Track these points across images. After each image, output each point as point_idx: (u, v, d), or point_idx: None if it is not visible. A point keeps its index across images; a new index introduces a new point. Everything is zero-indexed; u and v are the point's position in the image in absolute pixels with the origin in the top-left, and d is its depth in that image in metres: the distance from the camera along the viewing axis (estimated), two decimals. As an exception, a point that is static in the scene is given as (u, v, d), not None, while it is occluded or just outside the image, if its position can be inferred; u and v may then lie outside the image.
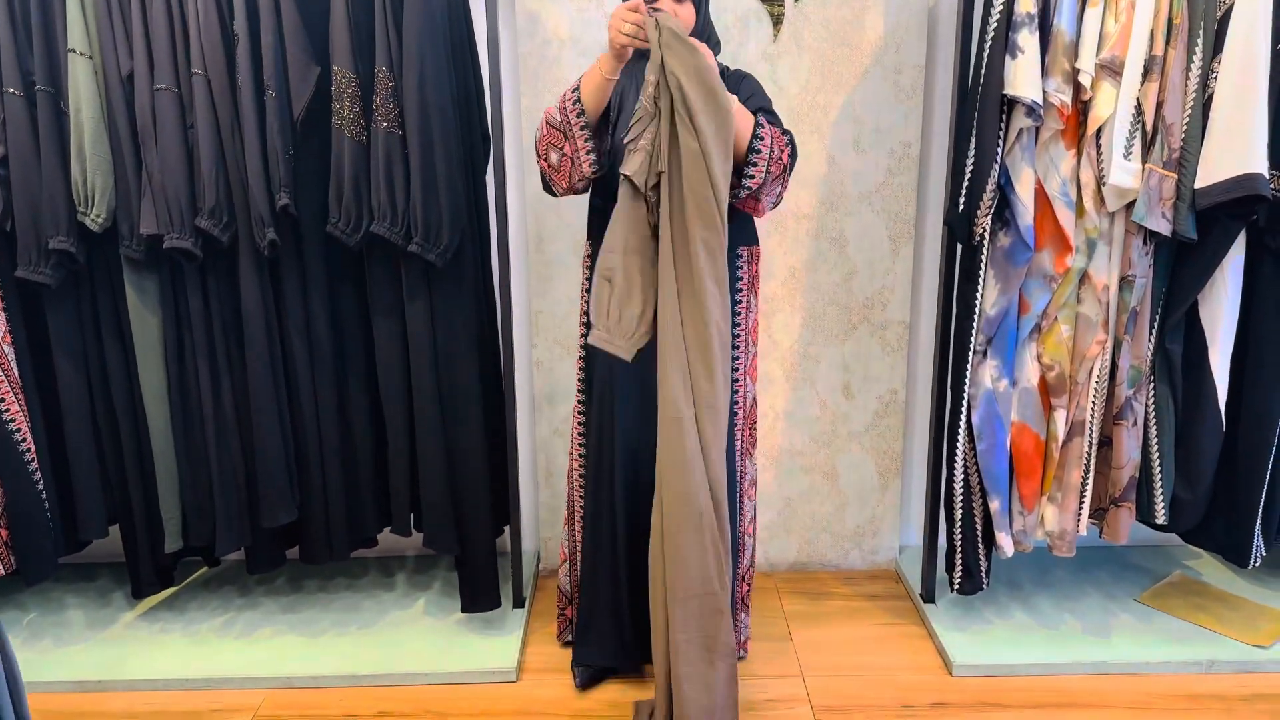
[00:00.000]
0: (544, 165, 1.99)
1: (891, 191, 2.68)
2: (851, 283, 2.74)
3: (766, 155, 1.88)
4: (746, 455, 2.24)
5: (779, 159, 1.91)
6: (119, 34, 2.11)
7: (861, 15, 2.56)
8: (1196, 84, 2.08)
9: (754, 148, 1.87)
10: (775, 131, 1.91)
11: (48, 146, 2.14)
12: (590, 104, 1.90)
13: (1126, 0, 2.06)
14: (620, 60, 1.87)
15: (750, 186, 1.90)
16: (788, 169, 1.95)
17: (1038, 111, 2.10)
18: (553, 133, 1.94)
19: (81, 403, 2.33)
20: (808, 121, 2.62)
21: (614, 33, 1.82)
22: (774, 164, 1.90)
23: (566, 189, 2.00)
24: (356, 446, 2.43)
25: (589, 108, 1.90)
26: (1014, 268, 2.23)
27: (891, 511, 2.92)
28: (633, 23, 1.79)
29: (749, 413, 2.22)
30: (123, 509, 2.43)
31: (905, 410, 2.86)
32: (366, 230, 2.18)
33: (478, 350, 2.36)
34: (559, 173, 1.97)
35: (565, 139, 1.93)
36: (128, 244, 2.19)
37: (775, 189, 1.96)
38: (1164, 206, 2.11)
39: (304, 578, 2.82)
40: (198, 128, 2.12)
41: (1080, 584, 2.74)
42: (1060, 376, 2.30)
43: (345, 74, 2.13)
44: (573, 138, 1.92)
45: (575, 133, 1.91)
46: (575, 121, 1.90)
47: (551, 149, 1.95)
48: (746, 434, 2.22)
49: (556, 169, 1.97)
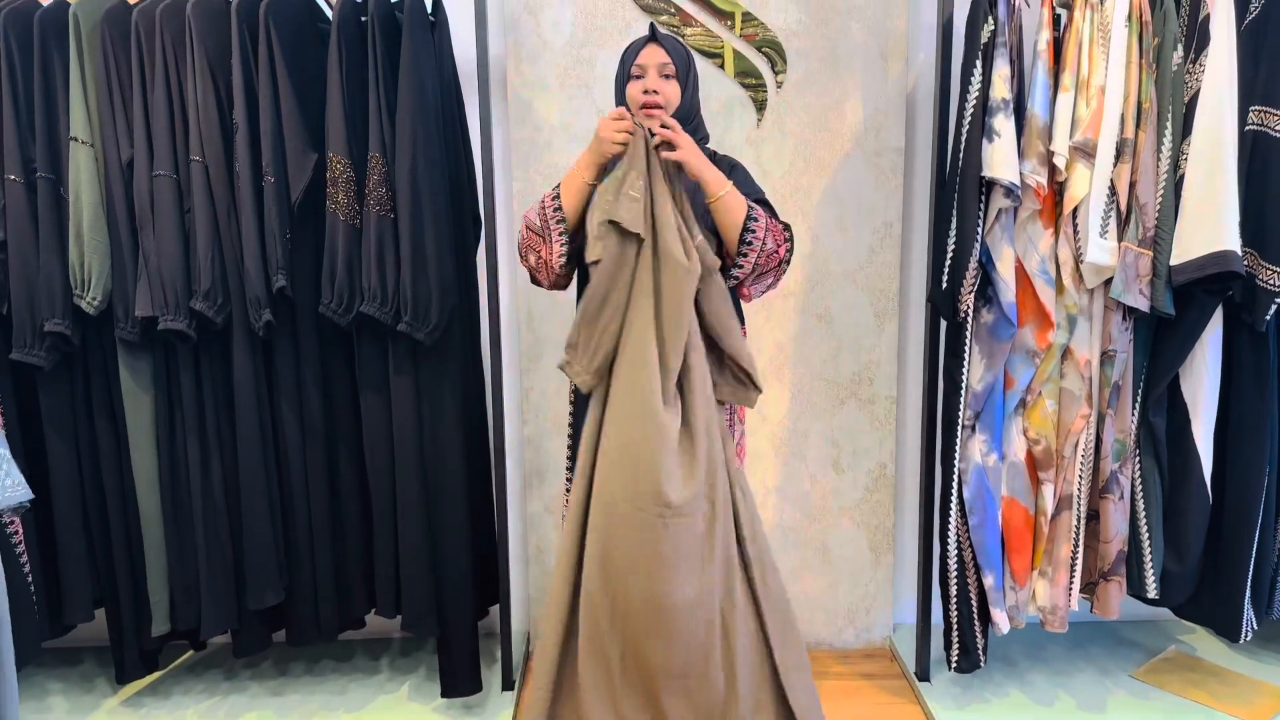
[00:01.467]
0: (525, 264, 2.04)
1: (875, 269, 2.73)
2: (838, 358, 2.78)
3: (758, 247, 1.90)
4: None
5: (774, 252, 1.92)
6: (120, 122, 2.17)
7: (842, 102, 2.65)
8: (1168, 165, 2.15)
9: (745, 239, 1.89)
10: (774, 224, 1.93)
11: (46, 231, 2.18)
12: (570, 208, 1.94)
13: (1097, 86, 2.14)
14: (602, 166, 1.92)
15: (737, 276, 1.93)
16: (783, 263, 1.96)
17: (1015, 192, 2.16)
18: (531, 236, 1.98)
19: (71, 484, 2.33)
20: (792, 203, 2.68)
21: (605, 143, 1.88)
22: (766, 256, 1.91)
23: (550, 286, 2.05)
24: (346, 525, 2.42)
25: (569, 213, 1.94)
26: (998, 343, 2.27)
27: (884, 588, 2.91)
28: (623, 130, 1.87)
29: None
30: (109, 592, 2.41)
31: (895, 485, 2.87)
32: (357, 311, 2.21)
33: (463, 427, 2.37)
34: (539, 271, 2.02)
35: (543, 242, 1.96)
36: (122, 326, 2.21)
37: (766, 281, 1.98)
38: (1141, 283, 2.16)
39: (290, 660, 2.77)
40: (194, 212, 2.16)
41: (1074, 660, 2.72)
42: (1046, 450, 2.32)
43: (340, 160, 2.19)
44: (550, 241, 1.95)
45: (553, 237, 1.94)
46: (555, 227, 1.94)
47: (530, 250, 1.99)
48: None
49: (535, 268, 2.02)
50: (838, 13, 2.60)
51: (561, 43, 2.59)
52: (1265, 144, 2.13)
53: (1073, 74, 2.15)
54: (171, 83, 2.15)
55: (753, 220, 1.89)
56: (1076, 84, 2.15)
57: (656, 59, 1.97)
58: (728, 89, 2.63)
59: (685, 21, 2.59)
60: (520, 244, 2.02)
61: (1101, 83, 2.13)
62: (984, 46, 2.17)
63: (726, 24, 2.60)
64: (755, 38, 2.61)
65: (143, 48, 2.14)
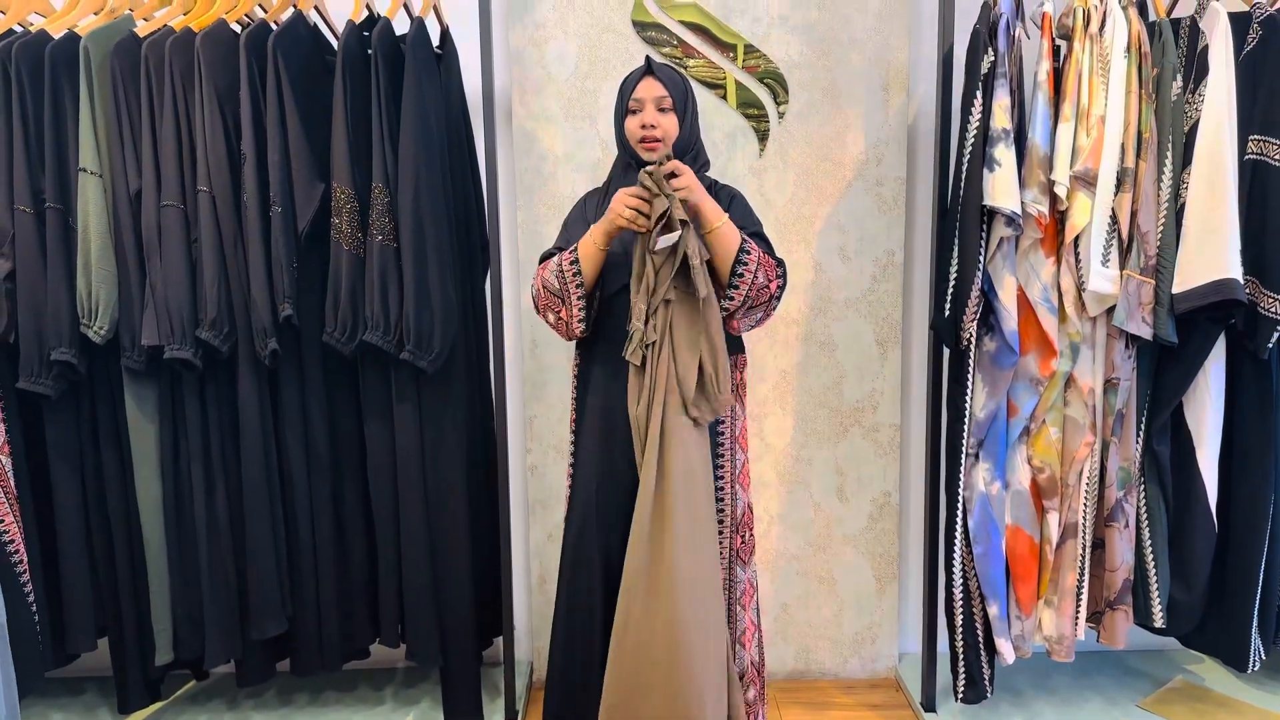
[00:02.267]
0: (545, 319, 2.07)
1: (877, 297, 2.74)
2: (841, 386, 2.78)
3: (749, 280, 1.92)
4: (738, 563, 2.21)
5: (764, 286, 1.94)
6: (129, 154, 2.19)
7: (843, 132, 2.67)
8: (1169, 194, 2.16)
9: (737, 271, 1.91)
10: (767, 259, 1.95)
11: (54, 261, 2.19)
12: (587, 274, 1.97)
13: (1097, 116, 2.15)
14: (614, 236, 1.95)
15: (728, 307, 1.95)
16: (774, 298, 1.98)
17: (1017, 221, 2.17)
18: (550, 298, 2.01)
19: (77, 513, 2.33)
20: (794, 231, 2.70)
21: (615, 216, 1.90)
22: (757, 290, 1.93)
23: (568, 339, 2.08)
24: (350, 554, 2.42)
25: (586, 277, 1.97)
26: (1000, 371, 2.27)
27: (889, 617, 2.90)
28: (634, 208, 1.89)
29: (740, 520, 2.20)
30: (113, 621, 2.40)
31: (900, 513, 2.86)
32: (360, 339, 2.22)
33: (466, 455, 2.38)
34: (558, 329, 2.05)
35: (562, 304, 1.99)
36: (129, 355, 2.22)
37: (756, 315, 2.00)
38: (1144, 311, 2.17)
39: (294, 690, 2.76)
40: (201, 242, 2.18)
41: (1081, 690, 2.70)
42: (1051, 479, 2.31)
43: (344, 189, 2.21)
44: (569, 304, 1.98)
45: (572, 300, 1.98)
46: (574, 291, 1.97)
47: (548, 311, 2.03)
48: (738, 542, 2.20)
49: (554, 327, 2.05)
50: (839, 44, 2.63)
51: (565, 74, 2.62)
52: (1265, 172, 2.14)
53: (1073, 104, 2.17)
54: (180, 114, 2.18)
55: (745, 253, 1.91)
56: (1077, 114, 2.17)
57: (653, 92, 1.99)
58: (730, 119, 2.66)
59: (688, 54, 2.62)
60: (537, 302, 2.05)
61: (1101, 113, 2.15)
62: (984, 77, 2.19)
63: (729, 56, 2.63)
64: (757, 69, 2.63)
65: (152, 80, 2.17)
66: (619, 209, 1.89)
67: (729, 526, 2.15)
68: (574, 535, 2.11)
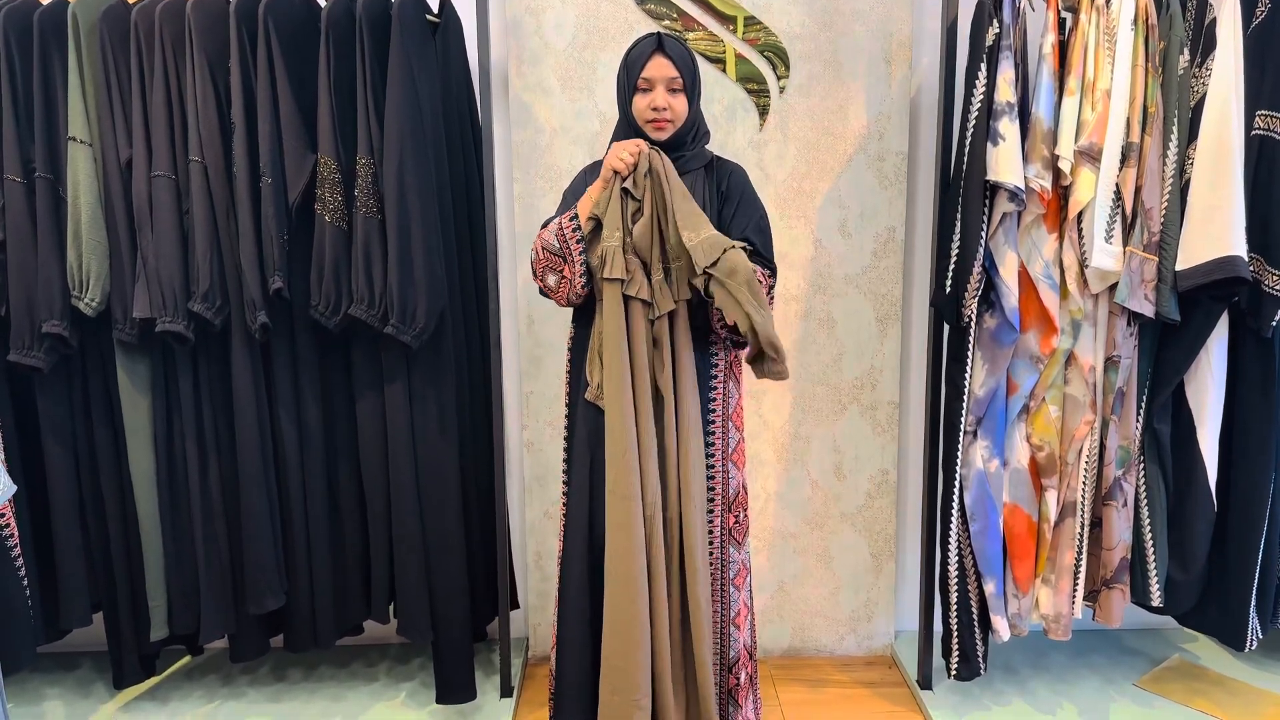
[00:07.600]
0: (541, 284, 2.05)
1: (878, 274, 2.72)
2: (840, 363, 2.76)
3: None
4: (731, 543, 2.18)
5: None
6: (119, 122, 2.16)
7: (845, 105, 2.63)
8: (1174, 170, 2.13)
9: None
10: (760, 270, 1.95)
11: (45, 231, 2.17)
12: (588, 230, 1.99)
13: (1102, 90, 2.12)
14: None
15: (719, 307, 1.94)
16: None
17: (1020, 196, 2.14)
18: (550, 258, 2.00)
19: (69, 487, 2.31)
20: (794, 207, 2.67)
21: (610, 164, 1.95)
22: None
23: (565, 304, 2.07)
24: (344, 530, 2.41)
25: (588, 233, 1.98)
26: (1000, 349, 2.25)
27: (886, 595, 2.89)
28: (630, 153, 1.93)
29: (734, 500, 2.17)
30: (107, 596, 2.39)
31: (897, 491, 2.85)
32: (345, 313, 2.20)
33: (458, 432, 2.36)
34: (557, 292, 2.03)
35: (564, 262, 1.99)
36: (120, 327, 2.20)
37: None
38: (1146, 288, 2.14)
39: (288, 666, 2.76)
40: (193, 213, 2.15)
41: (1077, 669, 2.70)
42: (1050, 457, 2.30)
43: (329, 162, 2.17)
44: (571, 261, 1.98)
45: (574, 257, 1.98)
46: (575, 247, 1.98)
47: (549, 272, 2.02)
48: (731, 521, 2.17)
49: (555, 289, 2.03)
50: (841, 16, 2.59)
51: (563, 45, 2.58)
52: (1271, 148, 2.12)
53: (1078, 77, 2.14)
54: (170, 83, 2.14)
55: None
56: (1082, 88, 2.14)
57: (665, 73, 1.97)
58: (730, 92, 2.62)
59: (687, 25, 2.58)
60: (535, 265, 2.04)
61: (1107, 86, 2.12)
62: (988, 50, 2.16)
63: (729, 28, 2.59)
64: (758, 41, 2.59)
65: (142, 47, 2.13)
66: (613, 160, 1.94)
67: (720, 504, 2.12)
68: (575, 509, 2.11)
